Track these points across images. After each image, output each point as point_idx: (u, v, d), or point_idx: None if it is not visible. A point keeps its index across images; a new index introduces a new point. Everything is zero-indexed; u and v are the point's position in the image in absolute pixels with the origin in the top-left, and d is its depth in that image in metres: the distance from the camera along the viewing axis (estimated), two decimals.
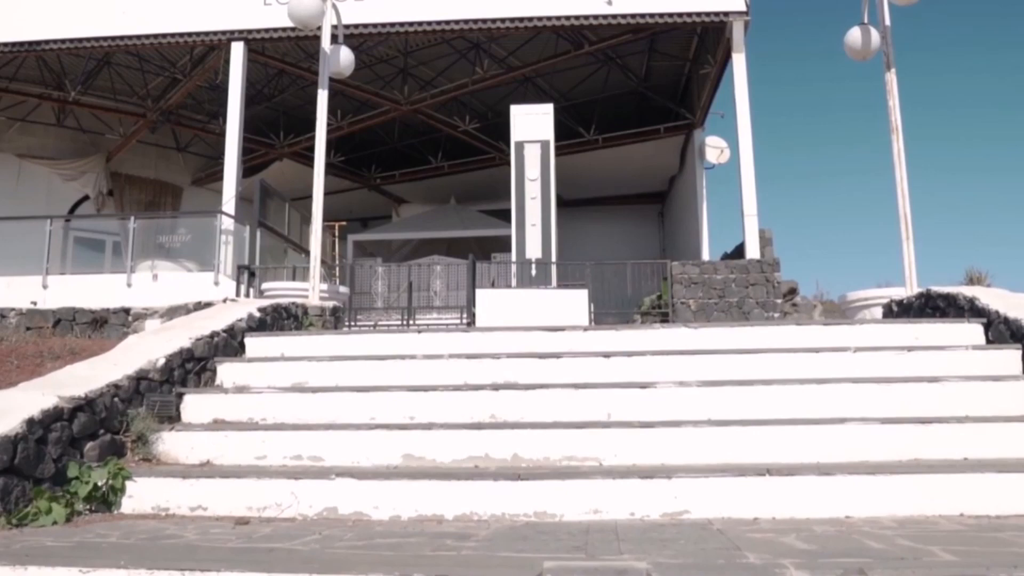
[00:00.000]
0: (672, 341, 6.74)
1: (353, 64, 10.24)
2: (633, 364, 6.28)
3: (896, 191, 8.91)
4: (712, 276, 15.58)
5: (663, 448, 5.25)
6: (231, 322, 6.99)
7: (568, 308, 14.60)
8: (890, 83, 9.15)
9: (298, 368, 6.59)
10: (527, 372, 6.30)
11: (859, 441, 5.20)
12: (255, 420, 6.03)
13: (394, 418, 5.89)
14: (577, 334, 6.84)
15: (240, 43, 16.31)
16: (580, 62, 18.58)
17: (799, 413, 5.66)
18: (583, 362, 6.34)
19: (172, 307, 9.36)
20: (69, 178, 19.93)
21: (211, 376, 6.59)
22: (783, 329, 6.82)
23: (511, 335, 6.88)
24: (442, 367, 6.41)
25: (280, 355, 7.03)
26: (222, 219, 15.68)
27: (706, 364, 6.25)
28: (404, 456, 5.38)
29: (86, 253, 18.66)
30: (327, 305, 8.93)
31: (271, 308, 7.62)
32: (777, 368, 6.18)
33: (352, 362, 6.55)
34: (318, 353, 6.93)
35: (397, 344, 6.93)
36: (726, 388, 5.80)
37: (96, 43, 16.82)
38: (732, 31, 15.88)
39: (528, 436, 5.35)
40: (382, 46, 18.11)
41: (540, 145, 16.59)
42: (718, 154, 19.07)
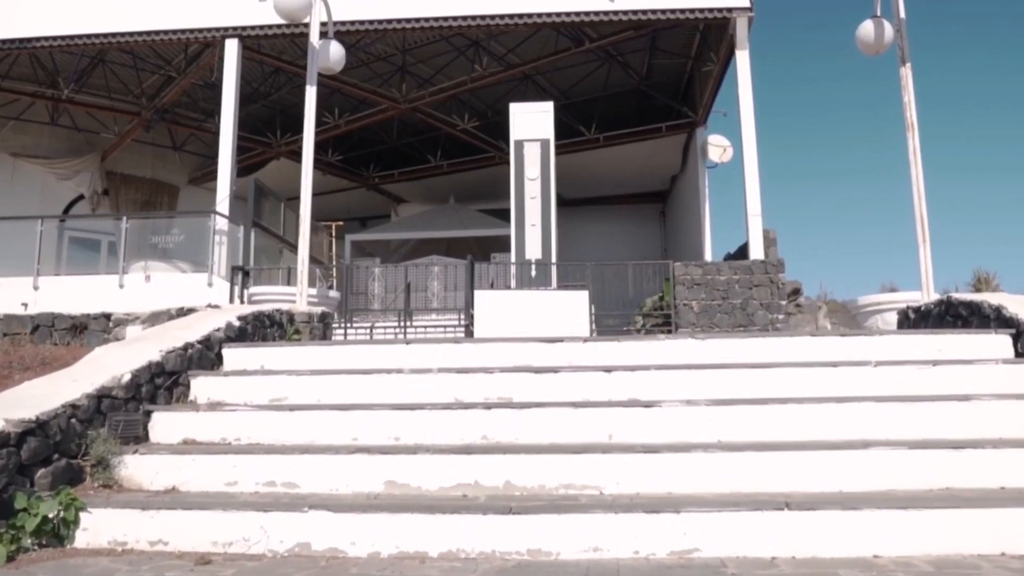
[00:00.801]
0: (678, 354, 6.20)
1: (343, 60, 9.70)
2: (636, 380, 5.73)
3: (912, 191, 8.36)
4: (715, 277, 15.04)
5: (670, 475, 4.71)
6: (207, 332, 6.45)
7: (568, 310, 14.05)
8: (905, 78, 8.60)
9: (278, 383, 6.06)
10: (522, 388, 5.76)
11: (885, 468, 4.66)
12: (228, 441, 5.49)
13: (378, 439, 5.36)
14: (576, 346, 6.30)
15: (234, 40, 15.79)
16: (581, 59, 18.00)
17: (818, 435, 5.12)
18: (583, 377, 5.80)
19: (155, 312, 8.82)
20: (64, 177, 19.38)
21: (184, 391, 6.06)
22: (797, 341, 6.28)
23: (505, 347, 6.34)
24: (431, 382, 5.87)
25: (260, 368, 6.50)
26: (216, 219, 15.17)
27: (715, 380, 5.71)
28: (387, 483, 4.84)
29: (82, 253, 18.15)
30: (315, 311, 8.39)
31: (252, 316, 7.08)
32: (793, 384, 5.64)
33: (335, 376, 6.01)
34: (300, 366, 6.39)
35: (384, 356, 6.39)
36: (738, 407, 5.26)
37: (89, 40, 16.29)
38: (735, 28, 15.34)
39: (522, 462, 4.81)
40: (379, 43, 17.56)
41: (540, 144, 16.03)
42: (721, 153, 18.53)
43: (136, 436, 5.44)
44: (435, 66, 18.60)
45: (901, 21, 8.70)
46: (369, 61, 18.40)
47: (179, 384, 6.02)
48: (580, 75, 18.76)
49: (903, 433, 5.06)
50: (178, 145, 20.84)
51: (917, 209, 8.36)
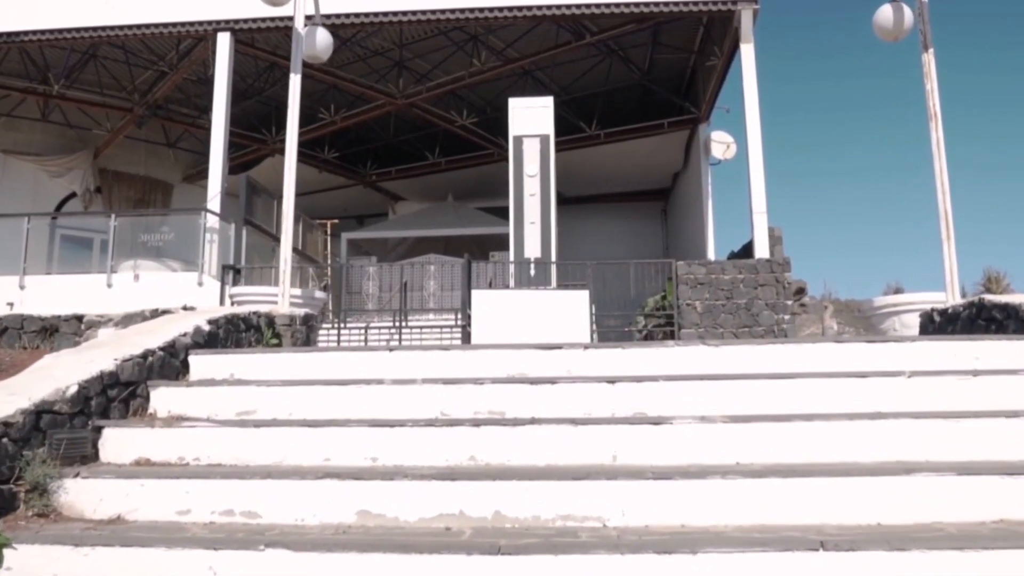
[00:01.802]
0: (689, 362, 5.51)
1: (331, 47, 9.01)
2: (643, 392, 5.05)
3: (935, 184, 7.67)
4: (719, 276, 14.36)
5: (683, 505, 4.03)
6: (172, 337, 5.77)
7: (568, 310, 13.41)
8: (927, 64, 7.90)
9: (247, 394, 5.37)
10: (516, 402, 5.08)
11: (930, 497, 3.98)
12: (186, 461, 4.82)
13: (352, 460, 4.68)
14: (576, 353, 5.61)
15: (227, 33, 15.11)
16: (581, 54, 17.31)
17: (851, 456, 4.44)
18: (583, 389, 5.11)
19: (128, 314, 8.15)
20: (56, 175, 18.70)
21: (143, 404, 5.38)
22: (820, 348, 5.58)
23: (498, 355, 5.64)
24: (414, 395, 5.18)
25: (229, 377, 5.81)
26: (207, 217, 14.51)
27: (731, 392, 5.02)
28: (359, 513, 4.16)
29: (74, 252, 17.52)
30: (298, 313, 7.71)
31: (225, 319, 6.39)
32: (818, 398, 4.96)
33: (309, 388, 5.32)
34: (273, 375, 5.71)
35: (364, 365, 5.70)
36: (758, 425, 4.58)
37: (79, 34, 15.61)
38: (740, 20, 14.64)
39: (514, 489, 4.13)
40: (375, 37, 16.87)
41: (539, 139, 15.34)
42: (724, 149, 17.85)
43: (83, 456, 4.76)
44: (433, 61, 17.90)
45: (923, 4, 8.01)
46: (366, 56, 17.72)
47: (137, 396, 5.34)
48: (581, 70, 18.06)
49: (947, 454, 4.38)
50: (172, 142, 20.14)
51: (941, 204, 7.67)
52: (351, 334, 13.93)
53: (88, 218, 18.10)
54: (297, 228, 16.96)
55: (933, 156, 7.75)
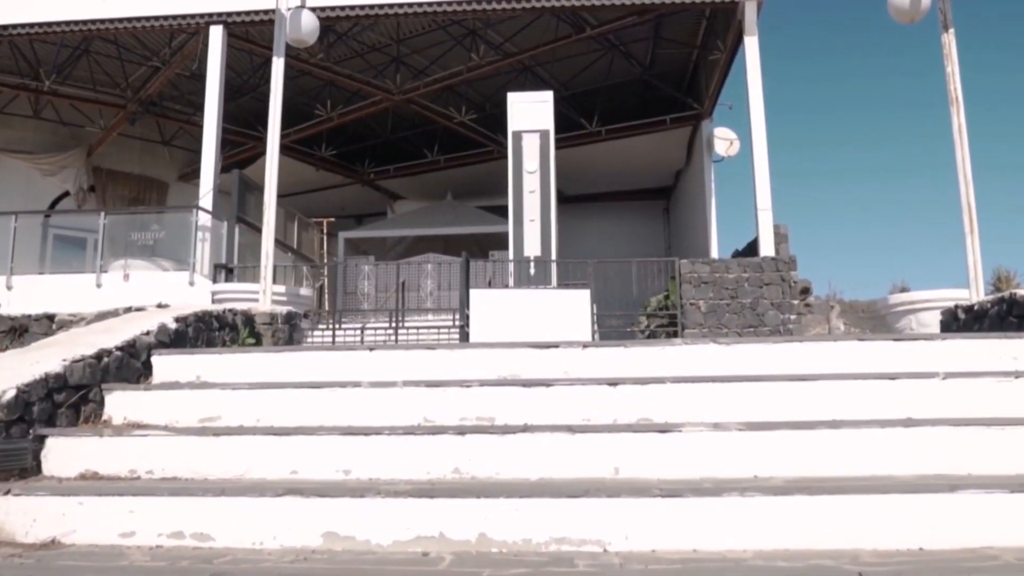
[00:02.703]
0: (698, 363, 4.93)
1: (316, 31, 8.46)
2: (648, 396, 4.47)
3: (957, 174, 7.10)
4: (724, 275, 13.78)
5: (695, 527, 3.45)
6: (132, 336, 5.20)
7: (569, 309, 12.86)
8: (947, 46, 7.33)
9: (212, 399, 4.80)
10: (507, 407, 4.50)
11: (980, 519, 3.40)
12: (137, 474, 4.25)
13: (322, 473, 4.12)
14: (574, 353, 5.03)
15: (219, 27, 14.60)
16: (581, 49, 16.74)
17: (884, 469, 3.87)
18: (582, 392, 4.54)
19: (101, 313, 7.57)
20: (48, 173, 18.16)
21: (96, 409, 4.81)
22: (841, 346, 5.00)
23: (488, 354, 5.07)
24: (394, 399, 4.61)
25: (195, 379, 5.25)
26: (199, 215, 13.99)
27: (746, 396, 4.44)
28: (326, 535, 3.59)
29: (69, 252, 16.99)
30: (279, 311, 7.14)
31: (195, 317, 5.83)
32: (843, 402, 4.38)
33: (280, 391, 4.75)
34: (242, 378, 5.14)
35: (341, 366, 5.12)
36: (778, 434, 4.00)
37: (68, 28, 15.09)
38: (744, 13, 14.10)
39: (502, 508, 3.55)
40: (372, 31, 16.33)
41: (539, 135, 14.77)
42: (727, 146, 17.25)
43: (23, 468, 4.20)
44: (430, 56, 17.35)
45: None
46: (363, 52, 17.18)
47: (89, 401, 4.77)
48: (581, 66, 17.49)
49: (995, 467, 3.80)
50: (167, 140, 19.59)
51: (963, 195, 7.09)
52: (347, 335, 13.39)
53: (82, 218, 17.55)
54: (292, 227, 16.42)
55: (955, 144, 7.18)
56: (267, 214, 7.62)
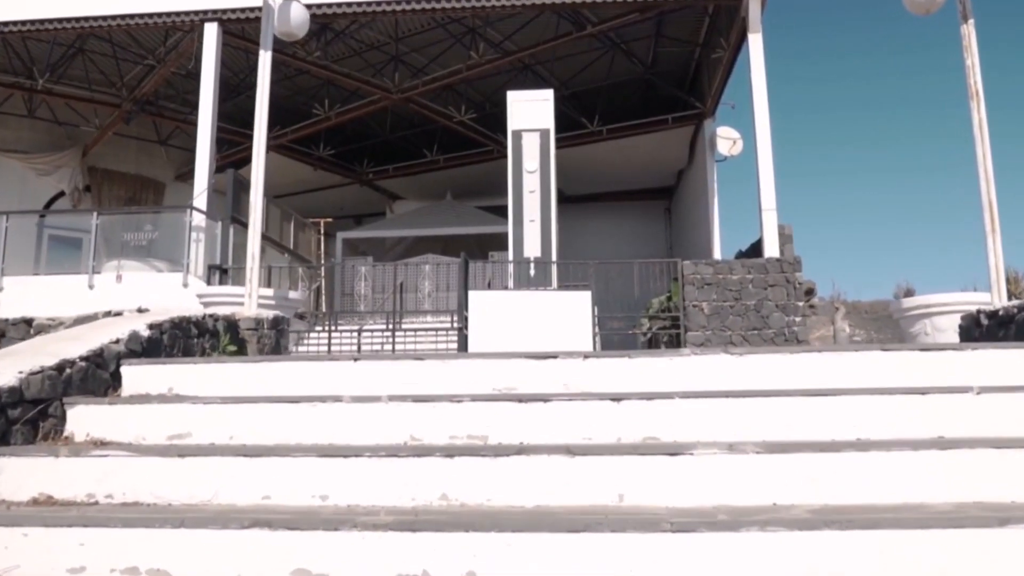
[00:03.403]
0: (708, 375, 4.49)
1: (306, 24, 8.04)
2: (655, 413, 4.04)
3: (978, 172, 6.67)
4: (727, 276, 13.34)
5: (711, 568, 3.03)
6: (100, 345, 4.78)
7: (570, 311, 12.45)
8: (967, 37, 6.90)
9: (183, 413, 4.38)
10: (500, 425, 4.08)
11: None
12: (95, 499, 3.83)
13: (297, 498, 3.69)
14: (574, 364, 4.60)
15: (214, 24, 14.17)
16: (582, 47, 16.31)
17: (918, 495, 3.44)
18: (582, 409, 4.11)
19: (80, 317, 7.17)
20: (43, 173, 17.74)
21: (56, 425, 4.39)
22: (864, 357, 4.56)
23: (481, 365, 4.63)
24: (378, 416, 4.18)
25: (167, 391, 4.82)
26: (193, 215, 13.57)
27: (763, 413, 4.01)
28: (295, 573, 3.17)
29: (64, 253, 16.59)
30: (265, 316, 6.71)
31: (171, 323, 5.40)
32: (870, 419, 3.95)
33: (255, 407, 4.33)
34: (216, 390, 4.71)
35: (324, 378, 4.70)
36: (801, 457, 3.57)
37: (60, 25, 14.68)
38: (748, 9, 13.65)
39: (493, 543, 3.12)
40: (369, 29, 15.91)
41: (539, 134, 14.33)
42: (730, 146, 16.80)
43: None
44: (429, 55, 16.92)
45: None
46: (361, 50, 16.76)
47: (49, 416, 4.35)
48: (582, 64, 17.05)
49: None
50: (163, 139, 19.17)
51: (984, 193, 6.66)
52: (342, 338, 12.97)
53: (78, 218, 17.16)
54: (289, 227, 16.01)
55: (975, 140, 6.74)
56: (253, 215, 7.19)
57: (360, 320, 14.32)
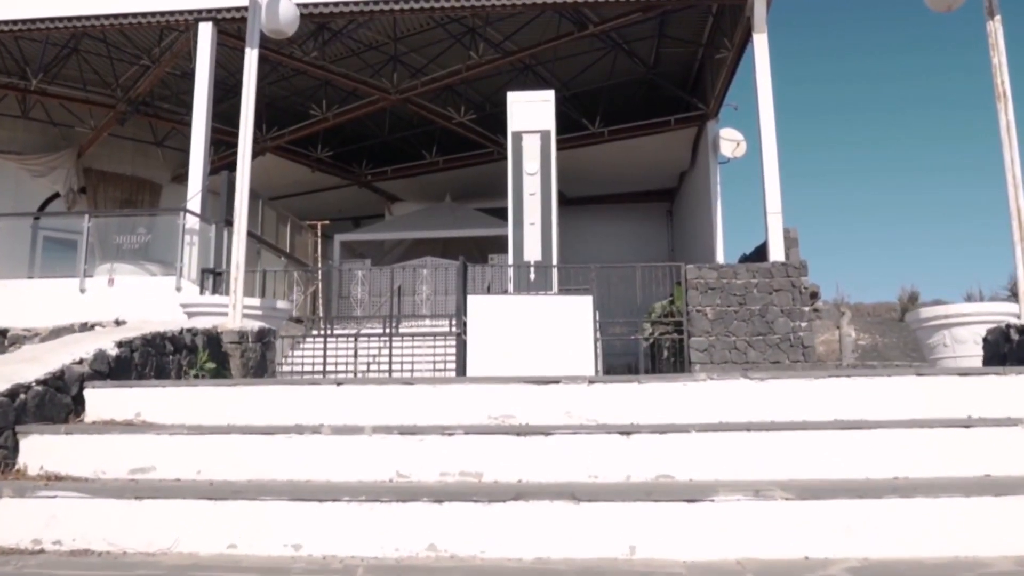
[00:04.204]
0: (727, 403, 4.02)
1: (297, 20, 7.55)
2: (669, 449, 3.58)
3: (1006, 176, 6.20)
4: (732, 281, 12.89)
5: None
6: (62, 365, 4.32)
7: (571, 316, 12.01)
8: (993, 34, 6.43)
9: (147, 444, 3.91)
10: (496, 461, 3.61)
11: None
12: (42, 545, 3.36)
13: (266, 547, 3.22)
14: (578, 390, 4.12)
15: (208, 23, 13.72)
16: (584, 47, 15.85)
17: (973, 549, 2.97)
18: (588, 443, 3.64)
19: (57, 328, 6.69)
20: (38, 174, 17.28)
21: (8, 457, 3.92)
22: (897, 383, 4.09)
23: (476, 391, 4.16)
24: (360, 450, 3.71)
25: (133, 417, 4.36)
26: (186, 217, 13.13)
27: (790, 448, 3.54)
28: None
29: (61, 255, 16.13)
30: (250, 328, 6.24)
31: (142, 340, 4.94)
32: (910, 456, 3.48)
33: (226, 438, 3.86)
34: (186, 417, 4.25)
35: (303, 404, 4.23)
36: (836, 504, 3.10)
37: (53, 24, 14.24)
38: (753, 9, 13.20)
39: None
40: (367, 29, 15.44)
41: (540, 136, 13.87)
42: (734, 147, 16.34)
43: None
44: (428, 55, 16.46)
45: None
46: (359, 50, 16.30)
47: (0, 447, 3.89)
48: (583, 65, 16.59)
49: None
50: (159, 140, 18.70)
51: (1012, 199, 6.19)
52: (338, 343, 12.54)
53: (74, 220, 16.72)
54: (285, 230, 15.56)
55: (1002, 143, 6.27)
56: (238, 222, 6.72)
57: (357, 324, 13.89)
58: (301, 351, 13.03)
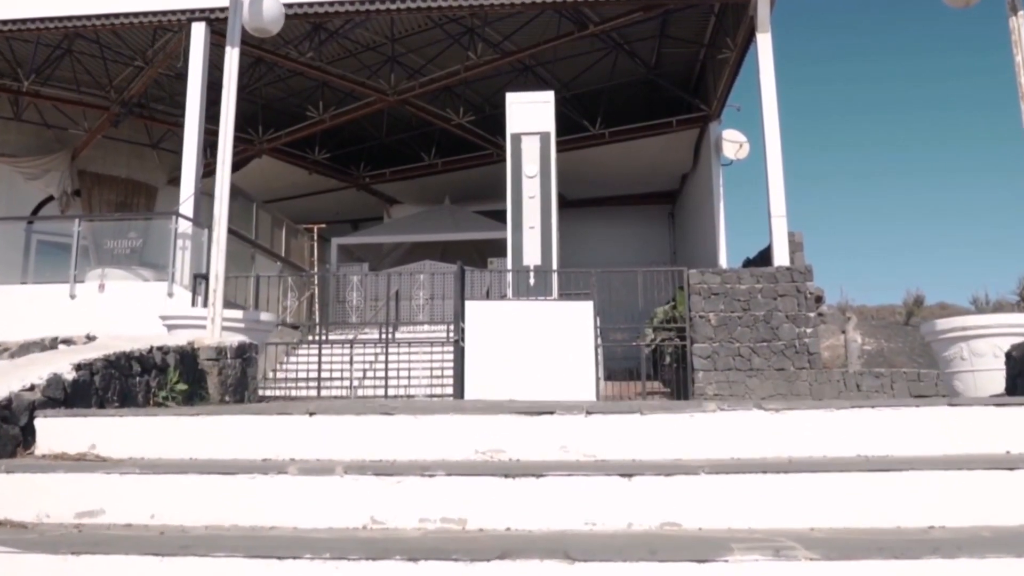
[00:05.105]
0: (739, 438, 3.58)
1: (281, 18, 7.11)
2: (676, 493, 3.14)
3: None
4: (735, 286, 12.49)
5: None
6: (9, 393, 3.88)
7: (571, 322, 11.60)
8: (1016, 31, 6.00)
9: (98, 485, 3.48)
10: (482, 507, 3.17)
11: None
12: None
13: None
14: (575, 422, 3.68)
15: (202, 23, 13.36)
16: (584, 48, 15.44)
17: None
18: (584, 487, 3.20)
19: (25, 343, 6.26)
20: (32, 177, 16.89)
21: None
22: (927, 415, 3.64)
23: (463, 423, 3.71)
24: (331, 494, 3.28)
25: (88, 450, 3.93)
26: (179, 222, 12.75)
27: (812, 493, 3.10)
28: None
29: (54, 258, 15.73)
30: (229, 344, 5.81)
31: (104, 362, 4.51)
32: (949, 503, 3.05)
33: (183, 480, 3.42)
34: (144, 451, 3.83)
35: (271, 437, 3.79)
36: (869, 565, 2.68)
37: (44, 24, 13.87)
38: (756, 8, 12.80)
39: None
40: (363, 29, 15.03)
41: (539, 137, 13.45)
42: (736, 149, 15.93)
43: None
44: (426, 55, 16.06)
45: None
46: (356, 51, 15.91)
47: None
48: (583, 65, 16.18)
49: None
50: (155, 143, 18.30)
51: None
52: (333, 350, 12.15)
53: (69, 224, 16.31)
54: (280, 233, 15.15)
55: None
56: (217, 230, 6.29)
57: (355, 330, 13.50)
58: (296, 358, 12.63)
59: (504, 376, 11.19)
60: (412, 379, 11.85)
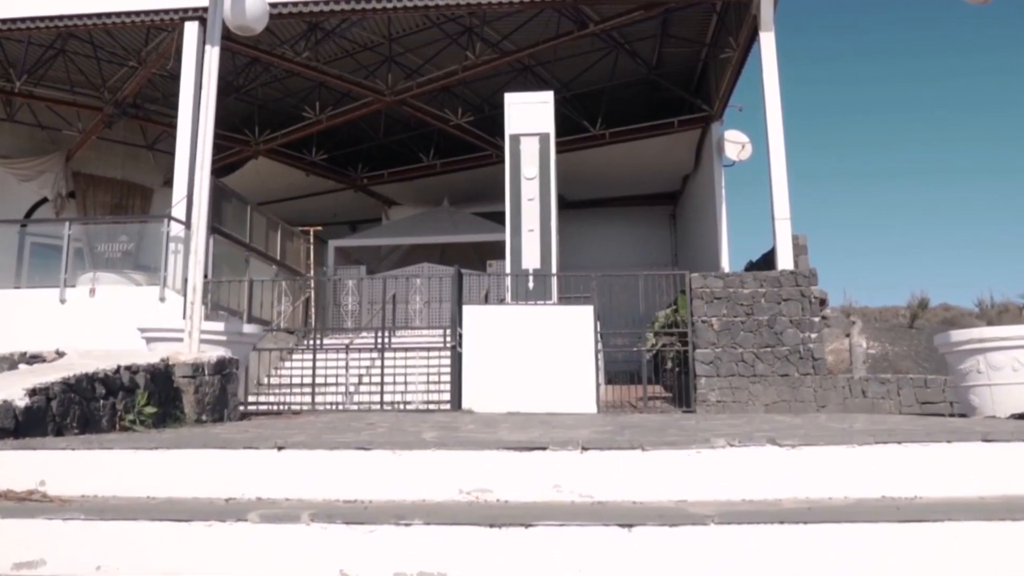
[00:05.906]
0: (751, 478, 3.18)
1: (266, 16, 6.73)
2: (683, 547, 2.76)
3: None
4: (738, 290, 12.11)
5: None
6: None
7: (571, 327, 11.25)
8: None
9: (39, 533, 3.10)
10: (464, 560, 2.78)
11: None
12: None
13: None
14: (569, 459, 3.29)
15: (195, 23, 13.00)
16: (584, 47, 15.05)
17: None
18: (578, 539, 2.82)
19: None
20: (25, 178, 16.54)
21: None
22: (961, 451, 3.23)
23: (446, 459, 3.32)
24: (296, 543, 2.90)
25: (37, 487, 3.53)
26: (171, 225, 12.39)
27: (835, 548, 2.73)
28: None
29: (48, 262, 15.36)
30: (207, 359, 5.43)
31: (63, 385, 4.13)
32: (991, 559, 2.68)
33: (134, 526, 3.04)
34: (98, 488, 3.45)
35: (235, 475, 3.40)
36: None
37: (35, 24, 13.51)
38: (759, 7, 12.41)
39: None
40: (361, 28, 14.65)
41: (539, 138, 13.06)
42: (739, 150, 15.56)
43: None
44: (424, 55, 15.67)
45: None
46: (353, 51, 15.53)
47: None
48: (584, 65, 15.79)
49: None
50: (150, 144, 17.93)
51: None
52: (327, 357, 11.78)
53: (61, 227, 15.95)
54: (275, 236, 14.77)
55: None
56: (195, 239, 5.91)
57: (351, 335, 13.13)
58: (291, 364, 12.27)
59: (502, 382, 10.83)
60: (408, 385, 11.49)
